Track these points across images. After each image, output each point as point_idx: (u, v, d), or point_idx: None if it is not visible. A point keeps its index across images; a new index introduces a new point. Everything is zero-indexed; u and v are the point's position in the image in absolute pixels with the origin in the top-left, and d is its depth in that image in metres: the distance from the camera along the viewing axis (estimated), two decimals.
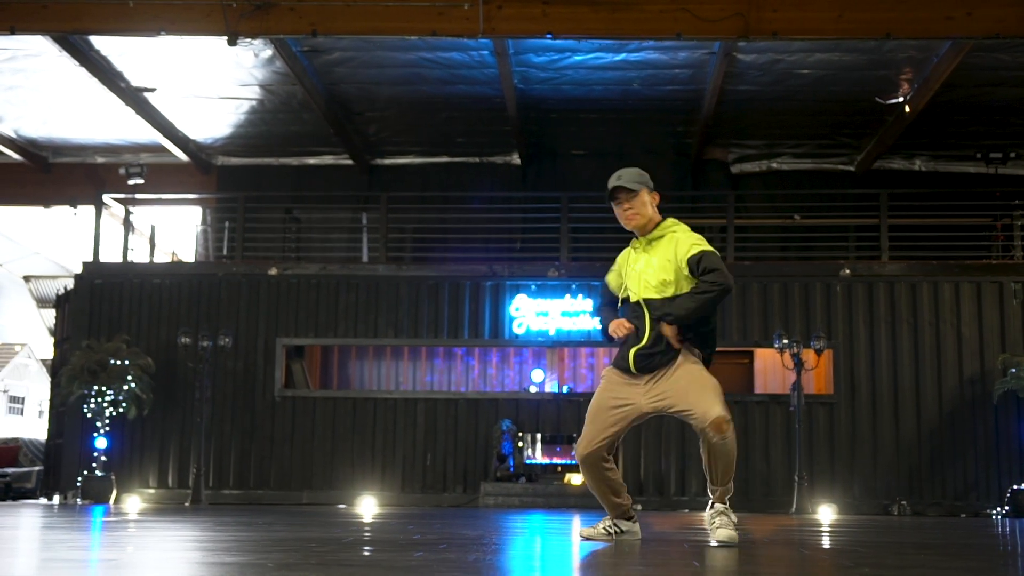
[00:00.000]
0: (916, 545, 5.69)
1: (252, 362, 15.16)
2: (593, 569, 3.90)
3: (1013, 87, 14.30)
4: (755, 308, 14.86)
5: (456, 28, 11.78)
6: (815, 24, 11.78)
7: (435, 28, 11.83)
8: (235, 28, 11.76)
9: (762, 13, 11.68)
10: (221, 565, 3.65)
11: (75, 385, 14.25)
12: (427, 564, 3.71)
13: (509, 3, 11.73)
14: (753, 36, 11.79)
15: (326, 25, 11.89)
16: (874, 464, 14.39)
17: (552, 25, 11.77)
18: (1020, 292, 14.51)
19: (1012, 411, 14.10)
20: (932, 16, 11.57)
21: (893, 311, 14.69)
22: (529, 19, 11.75)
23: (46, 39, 12.88)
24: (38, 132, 17.10)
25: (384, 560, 3.92)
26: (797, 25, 11.78)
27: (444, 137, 16.85)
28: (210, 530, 6.26)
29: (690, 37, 11.91)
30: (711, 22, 11.67)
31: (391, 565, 3.68)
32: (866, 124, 15.80)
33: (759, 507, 14.15)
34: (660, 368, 5.18)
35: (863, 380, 14.59)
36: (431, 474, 14.82)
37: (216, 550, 4.42)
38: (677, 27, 11.71)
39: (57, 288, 18.34)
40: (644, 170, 5.41)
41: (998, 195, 15.70)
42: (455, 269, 15.35)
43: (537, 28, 11.81)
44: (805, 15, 11.69)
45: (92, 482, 14.23)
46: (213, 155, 17.90)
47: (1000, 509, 13.87)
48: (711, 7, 11.66)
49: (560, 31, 11.83)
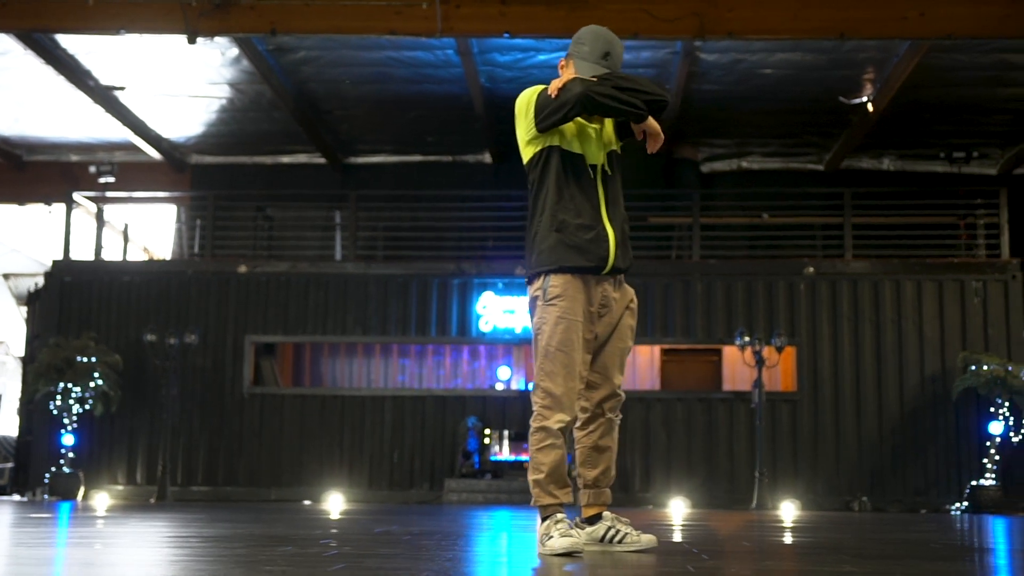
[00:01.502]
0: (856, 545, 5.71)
1: (221, 359, 15.18)
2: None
3: (973, 87, 14.37)
4: (720, 306, 14.90)
5: (414, 27, 11.81)
6: (770, 24, 11.82)
7: (394, 27, 11.85)
8: (195, 26, 11.79)
9: (718, 13, 11.72)
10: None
11: (41, 382, 14.27)
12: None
13: (467, 3, 11.77)
14: (709, 36, 11.83)
15: (285, 23, 11.92)
16: (836, 460, 14.43)
17: (510, 24, 11.80)
18: (981, 290, 14.56)
19: (972, 408, 14.13)
20: (886, 17, 11.60)
21: (856, 309, 14.73)
22: (486, 18, 11.78)
23: (10, 37, 12.91)
24: (10, 130, 17.10)
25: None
26: (752, 25, 11.81)
27: (415, 136, 16.88)
28: (172, 525, 6.29)
29: (647, 37, 11.94)
30: (667, 22, 11.69)
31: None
32: (832, 123, 15.84)
33: (722, 503, 14.22)
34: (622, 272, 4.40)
35: (826, 377, 14.63)
36: (398, 471, 14.85)
37: (161, 546, 4.45)
38: (634, 27, 11.73)
39: (31, 285, 18.34)
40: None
41: (961, 193, 15.75)
42: (423, 267, 15.37)
43: (494, 27, 11.84)
44: (760, 15, 11.72)
45: (60, 479, 14.25)
46: (187, 153, 17.91)
47: (960, 505, 13.92)
48: (667, 7, 11.69)
49: (518, 30, 11.86)
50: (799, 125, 16.08)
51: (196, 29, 11.82)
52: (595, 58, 4.33)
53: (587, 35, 4.40)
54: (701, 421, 14.67)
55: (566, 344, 4.22)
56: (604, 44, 4.36)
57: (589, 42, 4.36)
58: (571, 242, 4.26)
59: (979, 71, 13.85)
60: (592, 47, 4.34)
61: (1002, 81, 14.21)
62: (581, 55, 4.35)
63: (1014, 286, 14.56)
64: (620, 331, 4.40)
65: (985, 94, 14.64)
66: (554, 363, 4.22)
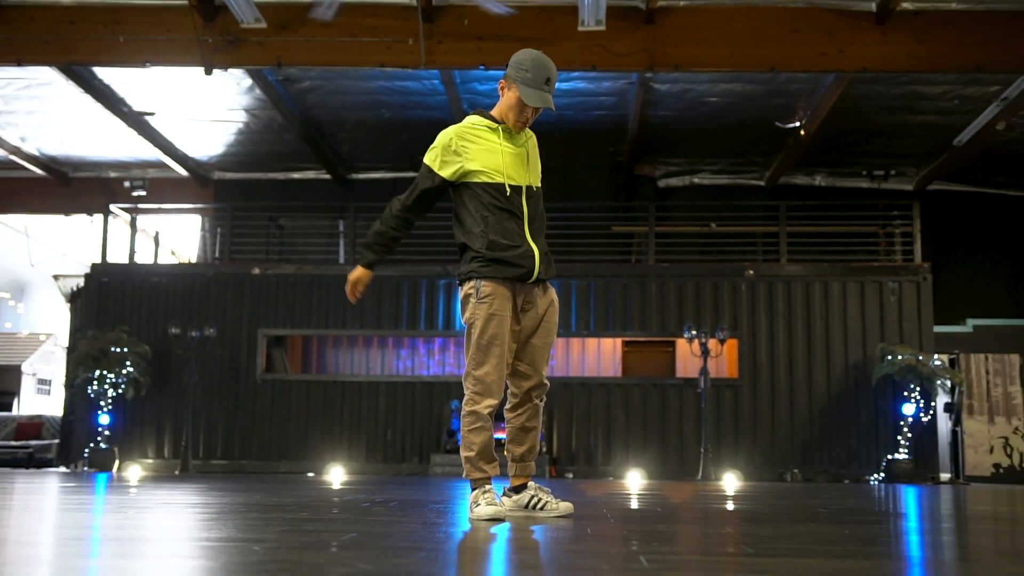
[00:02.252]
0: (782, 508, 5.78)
1: (237, 350, 15.25)
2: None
3: (890, 114, 14.47)
4: (673, 304, 14.98)
5: (402, 60, 11.87)
6: (711, 59, 11.89)
7: (384, 60, 11.91)
8: (210, 60, 11.85)
9: (665, 49, 11.79)
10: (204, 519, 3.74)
11: (81, 369, 14.35)
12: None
13: (448, 39, 11.83)
14: (658, 68, 11.90)
15: (289, 57, 11.97)
16: (772, 437, 14.53)
17: (485, 58, 11.87)
18: (897, 290, 14.67)
19: (888, 392, 14.23)
20: (810, 53, 11.68)
21: (790, 306, 14.83)
22: (465, 53, 11.85)
23: (53, 70, 12.99)
24: (57, 150, 17.18)
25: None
26: (695, 59, 11.88)
27: (408, 154, 16.88)
28: (192, 494, 6.38)
29: (604, 69, 12.01)
30: (622, 56, 11.78)
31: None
32: (771, 145, 15.93)
33: (674, 475, 14.31)
34: (547, 278, 4.36)
35: (764, 366, 14.72)
36: (391, 447, 14.93)
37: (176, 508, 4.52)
38: (592, 60, 11.81)
39: (75, 285, 18.38)
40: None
41: (881, 206, 15.85)
42: (413, 270, 15.44)
43: (471, 60, 11.91)
44: (702, 51, 11.79)
45: (97, 453, 14.33)
46: (209, 170, 17.97)
47: (877, 475, 14.04)
48: (622, 43, 11.77)
49: (492, 63, 11.92)
50: (742, 146, 16.17)
51: (211, 62, 11.88)
52: (538, 84, 4.20)
53: (528, 61, 4.22)
54: (655, 404, 14.76)
55: (496, 338, 4.18)
56: (545, 71, 4.21)
57: (532, 68, 4.20)
58: (501, 258, 4.21)
59: (895, 100, 13.96)
60: (535, 74, 4.19)
61: (914, 109, 14.32)
62: (525, 81, 4.19)
63: (925, 287, 14.67)
64: (546, 327, 4.33)
65: (900, 120, 14.73)
66: (485, 354, 4.19)
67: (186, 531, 3.39)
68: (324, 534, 3.18)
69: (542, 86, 4.21)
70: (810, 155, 16.13)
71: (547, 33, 11.63)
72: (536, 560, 2.60)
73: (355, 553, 2.57)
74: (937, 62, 11.77)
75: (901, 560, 2.68)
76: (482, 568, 2.44)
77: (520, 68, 4.23)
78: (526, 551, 2.89)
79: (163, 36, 11.81)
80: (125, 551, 2.68)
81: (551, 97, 4.24)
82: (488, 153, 4.28)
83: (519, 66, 4.24)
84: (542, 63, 4.24)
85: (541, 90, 4.21)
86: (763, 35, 11.64)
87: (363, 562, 2.36)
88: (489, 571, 2.38)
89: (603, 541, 3.13)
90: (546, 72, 4.22)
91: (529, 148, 4.41)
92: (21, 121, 15.66)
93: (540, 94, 4.21)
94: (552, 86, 4.24)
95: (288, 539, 2.98)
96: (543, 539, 3.25)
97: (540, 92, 4.21)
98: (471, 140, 4.31)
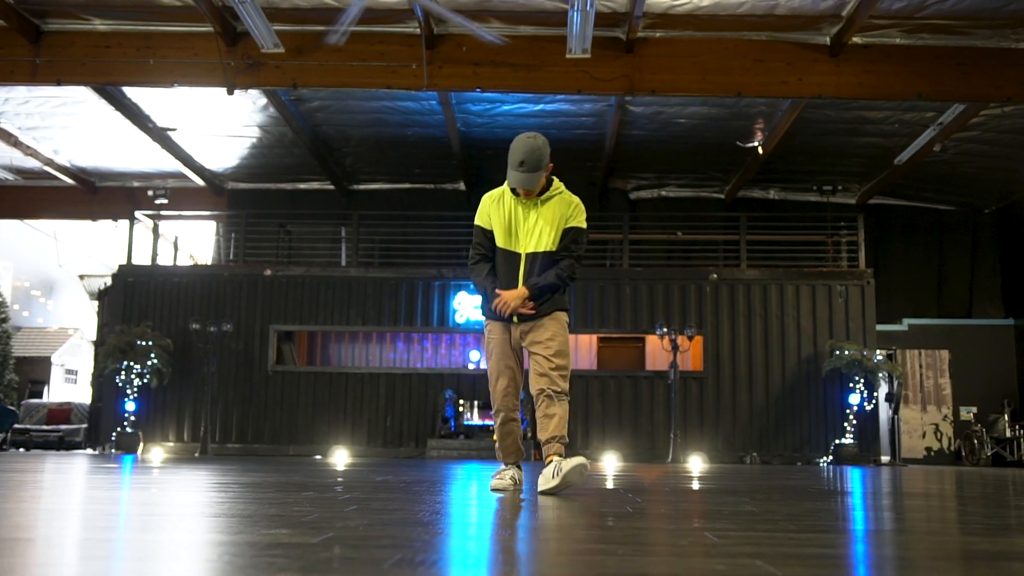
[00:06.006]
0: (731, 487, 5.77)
1: (250, 344, 15.10)
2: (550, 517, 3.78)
3: (838, 136, 14.52)
4: (644, 304, 14.98)
5: (406, 83, 11.77)
6: (684, 84, 11.87)
7: (390, 83, 11.81)
8: (233, 81, 11.70)
9: (643, 75, 11.76)
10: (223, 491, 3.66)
11: (109, 360, 14.15)
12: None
13: (448, 64, 11.75)
14: (636, 92, 11.87)
15: (304, 79, 11.85)
16: (733, 424, 14.56)
17: (481, 82, 11.79)
18: (844, 293, 14.74)
19: (836, 383, 14.31)
20: (772, 80, 11.69)
21: (749, 307, 14.87)
22: (463, 77, 11.77)
23: (87, 89, 12.81)
24: (87, 162, 16.94)
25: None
26: (670, 85, 11.86)
27: (405, 168, 16.85)
28: (212, 474, 6.27)
29: (588, 93, 11.96)
30: (604, 81, 11.74)
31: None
32: (731, 162, 15.95)
33: (645, 458, 14.31)
34: (536, 319, 4.56)
35: (726, 360, 14.75)
36: (390, 432, 14.83)
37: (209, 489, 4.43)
38: (578, 85, 11.77)
39: (100, 284, 18.15)
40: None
41: (829, 218, 15.92)
42: (411, 272, 15.35)
43: (469, 84, 11.83)
44: (676, 77, 11.77)
45: (123, 437, 14.14)
46: (225, 181, 17.79)
47: (826, 458, 14.09)
48: (604, 70, 11.73)
49: (487, 86, 11.85)
50: (706, 163, 16.18)
51: (233, 83, 11.73)
52: (514, 167, 4.31)
53: (511, 147, 4.35)
54: (629, 394, 14.74)
55: (495, 365, 4.63)
56: (516, 155, 4.31)
57: (510, 155, 4.33)
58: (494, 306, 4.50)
59: (843, 124, 14.01)
60: (511, 159, 4.32)
61: (859, 132, 14.38)
62: (509, 165, 4.34)
63: (868, 290, 14.76)
64: (543, 344, 4.51)
65: (847, 141, 14.79)
66: (490, 376, 4.70)
67: (211, 507, 3.32)
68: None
69: (517, 168, 4.32)
70: (766, 171, 16.17)
71: (537, 60, 11.59)
72: (513, 517, 2.55)
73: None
74: (883, 90, 11.81)
75: (848, 533, 2.74)
76: (483, 519, 2.39)
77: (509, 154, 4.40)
78: (515, 509, 3.06)
79: (190, 60, 11.64)
80: (147, 525, 2.61)
81: (526, 175, 4.32)
82: (499, 218, 4.59)
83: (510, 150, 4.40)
84: (517, 149, 4.34)
85: (516, 171, 4.33)
86: (730, 64, 11.63)
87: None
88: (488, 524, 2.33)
89: (582, 512, 3.09)
90: (519, 156, 4.32)
91: (542, 212, 4.50)
92: (56, 135, 15.42)
93: (515, 175, 4.34)
94: (527, 165, 4.30)
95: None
96: (529, 499, 3.71)
97: (515, 173, 4.34)
98: (492, 203, 4.63)
